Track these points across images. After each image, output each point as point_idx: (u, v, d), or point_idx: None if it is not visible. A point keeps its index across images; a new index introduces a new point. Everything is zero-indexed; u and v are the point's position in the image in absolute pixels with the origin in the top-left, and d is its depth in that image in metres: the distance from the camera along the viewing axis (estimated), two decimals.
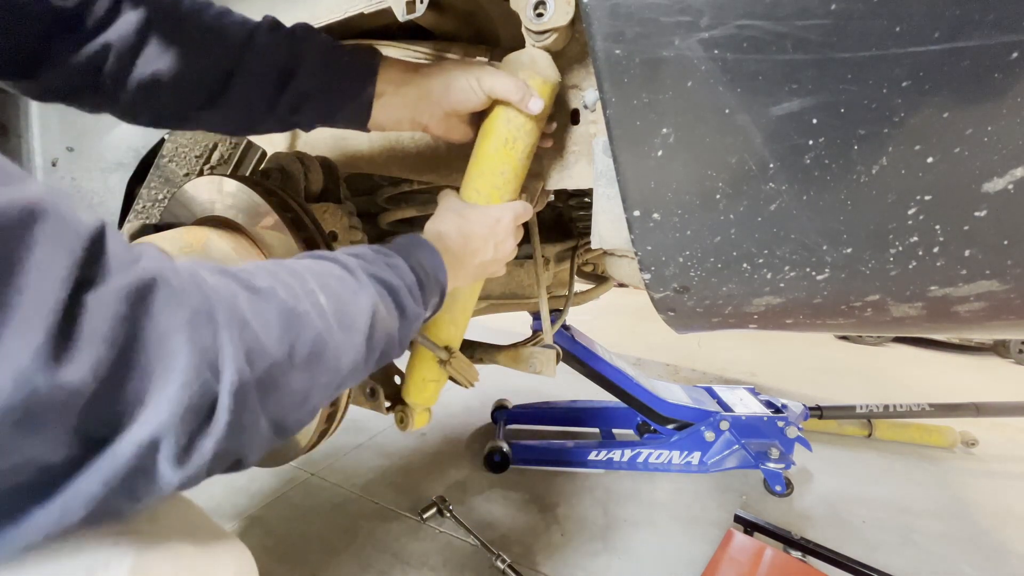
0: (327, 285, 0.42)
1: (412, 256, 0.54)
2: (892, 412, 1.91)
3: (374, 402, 0.85)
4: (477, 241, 0.62)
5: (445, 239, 0.60)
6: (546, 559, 1.29)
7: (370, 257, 0.50)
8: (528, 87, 0.58)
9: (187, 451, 0.30)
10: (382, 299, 0.47)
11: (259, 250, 0.71)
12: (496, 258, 0.65)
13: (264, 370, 0.34)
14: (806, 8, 0.36)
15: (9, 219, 0.23)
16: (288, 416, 0.37)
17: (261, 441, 0.35)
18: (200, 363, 0.29)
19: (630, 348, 3.40)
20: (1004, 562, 1.33)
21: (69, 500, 0.26)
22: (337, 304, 0.41)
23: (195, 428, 0.30)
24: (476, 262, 0.62)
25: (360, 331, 0.43)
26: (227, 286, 0.34)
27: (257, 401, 0.33)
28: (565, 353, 1.66)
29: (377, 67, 0.61)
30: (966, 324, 0.56)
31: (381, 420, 2.04)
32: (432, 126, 0.64)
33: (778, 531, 1.31)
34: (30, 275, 0.23)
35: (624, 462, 1.70)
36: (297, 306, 0.38)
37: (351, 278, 0.45)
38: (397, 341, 0.50)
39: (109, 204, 0.96)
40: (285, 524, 1.42)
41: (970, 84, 0.36)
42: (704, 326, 0.69)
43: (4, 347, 0.22)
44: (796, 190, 0.45)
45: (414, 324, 0.52)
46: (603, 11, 0.40)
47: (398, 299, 0.49)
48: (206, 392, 0.30)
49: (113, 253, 0.27)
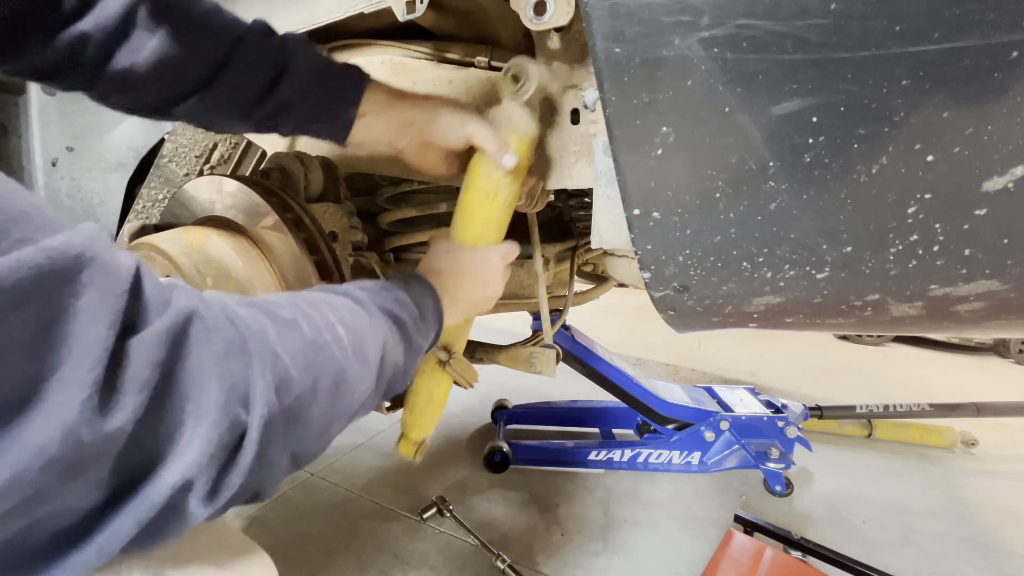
0: (343, 318, 0.43)
1: (414, 291, 0.56)
2: (892, 412, 1.91)
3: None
4: (469, 279, 0.65)
5: (440, 277, 0.62)
6: (546, 559, 1.29)
7: (377, 291, 0.51)
8: (504, 144, 0.62)
9: (216, 488, 0.30)
10: (391, 331, 0.48)
11: (259, 250, 0.71)
12: (486, 296, 0.68)
13: (291, 402, 0.34)
14: (806, 8, 0.36)
15: (58, 268, 0.23)
16: (307, 447, 0.38)
17: (281, 474, 0.35)
18: (230, 398, 0.29)
19: (630, 348, 3.39)
20: (1004, 562, 1.33)
21: (104, 542, 0.26)
22: (353, 336, 0.42)
23: (224, 464, 0.30)
24: (468, 299, 0.66)
25: (373, 362, 0.44)
26: (256, 318, 0.35)
27: (282, 433, 0.33)
28: (565, 353, 1.66)
29: (364, 87, 0.61)
30: (966, 324, 0.56)
31: (381, 420, 2.04)
32: (408, 153, 0.65)
33: (778, 531, 1.31)
34: (77, 325, 0.23)
35: (624, 462, 1.70)
36: (319, 338, 0.38)
37: (363, 311, 0.46)
38: (403, 372, 0.52)
39: (109, 204, 0.96)
40: (285, 524, 1.42)
41: (970, 83, 0.36)
42: (704, 325, 0.69)
43: (52, 400, 0.22)
44: (796, 189, 0.45)
45: (417, 356, 0.55)
46: (603, 11, 0.40)
47: (404, 332, 0.51)
48: (235, 426, 0.30)
49: (150, 295, 0.28)
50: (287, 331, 0.36)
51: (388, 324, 0.48)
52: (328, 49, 0.81)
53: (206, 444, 0.28)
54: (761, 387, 2.32)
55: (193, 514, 0.29)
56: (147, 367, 0.26)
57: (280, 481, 0.36)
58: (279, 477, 0.35)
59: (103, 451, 0.24)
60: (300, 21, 0.72)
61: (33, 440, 0.21)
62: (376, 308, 0.48)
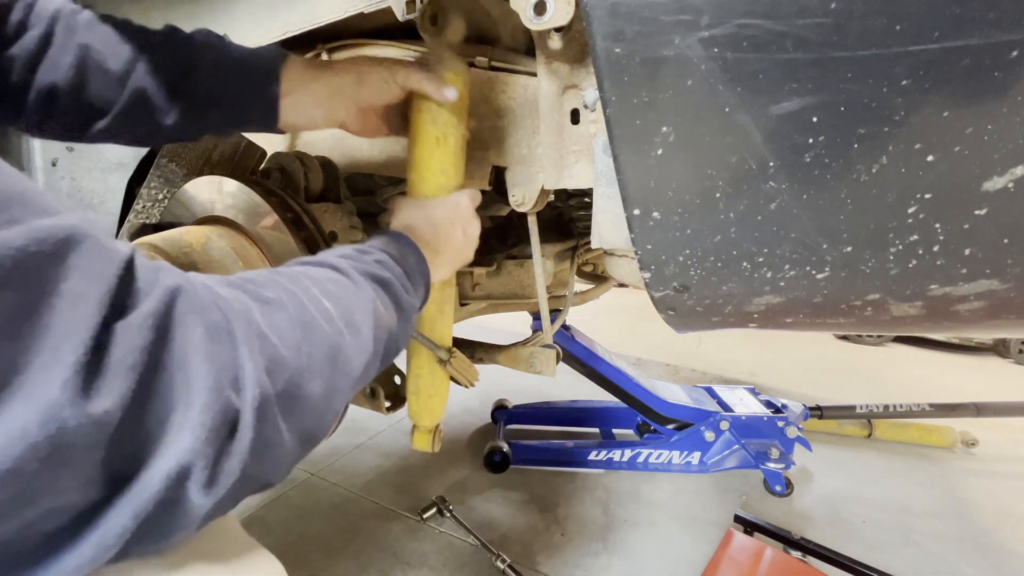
0: (327, 290, 0.41)
1: (394, 249, 0.53)
2: (892, 412, 1.91)
3: (374, 402, 0.85)
4: (446, 226, 0.62)
5: (416, 231, 0.60)
6: (546, 559, 1.29)
7: (356, 256, 0.49)
8: (441, 79, 0.61)
9: (214, 474, 0.29)
10: (378, 296, 0.47)
11: (259, 250, 0.71)
12: (466, 242, 0.65)
13: (285, 383, 0.33)
14: (806, 7, 0.36)
15: (46, 247, 0.23)
16: (312, 427, 0.37)
17: (288, 457, 0.34)
18: (220, 381, 0.29)
19: (630, 348, 3.39)
20: (1004, 562, 1.33)
21: (101, 538, 0.25)
22: (341, 307, 0.41)
23: (220, 449, 0.29)
24: (450, 248, 0.63)
25: (366, 330, 0.43)
26: (239, 299, 0.34)
27: (279, 415, 0.33)
28: (565, 353, 1.66)
29: (280, 66, 0.59)
30: (966, 323, 0.56)
31: (381, 420, 2.04)
32: (348, 122, 0.64)
33: (778, 531, 1.31)
34: (62, 307, 0.23)
35: (624, 462, 1.70)
36: (304, 315, 0.37)
37: (346, 279, 0.45)
38: (398, 336, 0.50)
39: (109, 204, 0.95)
40: (285, 524, 1.42)
41: (970, 83, 0.36)
42: (704, 325, 0.69)
43: (33, 382, 0.22)
44: (796, 189, 0.45)
45: (410, 317, 0.52)
46: (603, 10, 0.40)
47: (393, 293, 0.49)
48: (228, 410, 0.29)
49: (141, 280, 0.27)
50: (272, 311, 0.35)
51: (374, 288, 0.47)
52: (328, 49, 0.81)
53: (199, 428, 0.27)
54: (761, 387, 2.32)
55: (195, 504, 0.28)
56: (134, 351, 0.25)
57: (288, 465, 0.36)
58: (286, 461, 0.34)
59: (91, 438, 0.23)
60: (300, 21, 0.72)
61: (14, 423, 0.21)
62: (359, 274, 0.46)
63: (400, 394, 0.84)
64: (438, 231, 0.62)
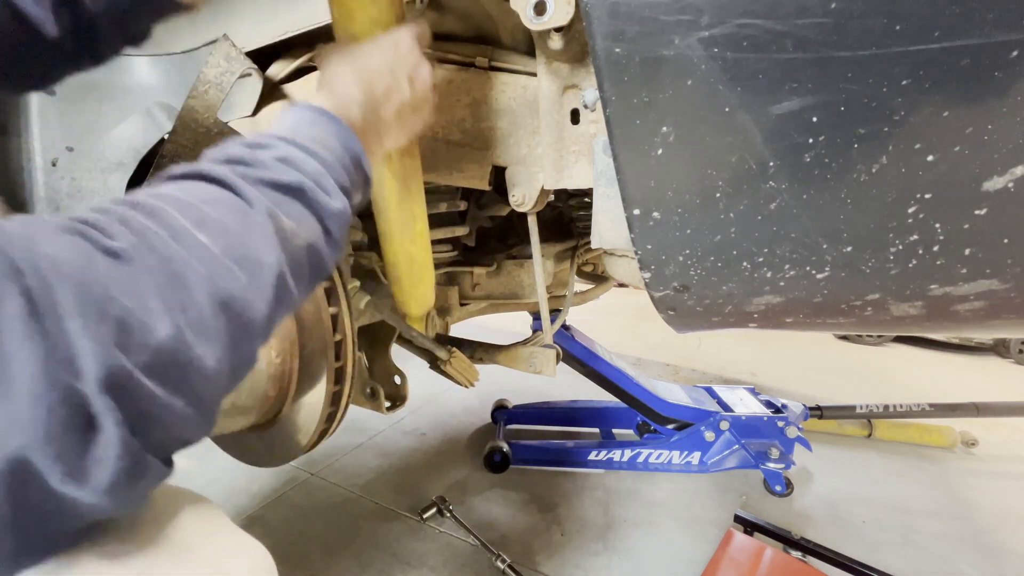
0: (203, 217, 0.33)
1: (305, 135, 0.42)
2: (892, 412, 1.91)
3: (374, 402, 0.85)
4: (384, 76, 0.49)
5: (339, 91, 0.48)
6: (546, 559, 1.29)
7: (247, 157, 0.38)
8: None
9: (79, 465, 0.25)
10: (282, 208, 0.37)
11: None
12: (416, 94, 0.52)
13: (153, 353, 0.28)
14: (806, 7, 0.36)
15: None
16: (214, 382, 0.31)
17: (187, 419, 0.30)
18: (50, 366, 0.24)
19: (630, 348, 3.39)
20: (1004, 562, 1.33)
21: None
22: (226, 239, 0.33)
23: (77, 439, 0.25)
24: (394, 105, 0.51)
25: (269, 261, 0.35)
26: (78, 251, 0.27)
27: (156, 386, 0.28)
28: (565, 353, 1.66)
29: None
30: (966, 323, 0.56)
31: (381, 420, 2.04)
32: None
33: (778, 531, 1.31)
34: None
35: (624, 462, 1.70)
36: (172, 259, 0.30)
37: (232, 196, 0.35)
38: (327, 250, 0.41)
39: None
40: (285, 524, 1.42)
41: (970, 83, 0.36)
42: (704, 325, 0.69)
43: None
44: (796, 189, 0.45)
45: (342, 218, 0.42)
46: (603, 10, 0.40)
47: (308, 200, 0.39)
48: (71, 398, 0.24)
49: None
50: (119, 265, 0.28)
51: (276, 199, 0.37)
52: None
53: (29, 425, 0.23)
54: (761, 387, 2.32)
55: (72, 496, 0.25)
56: None
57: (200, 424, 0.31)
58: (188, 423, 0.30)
59: None
60: (301, 21, 0.72)
61: None
62: (249, 185, 0.36)
63: (400, 394, 0.84)
64: (374, 85, 0.49)
